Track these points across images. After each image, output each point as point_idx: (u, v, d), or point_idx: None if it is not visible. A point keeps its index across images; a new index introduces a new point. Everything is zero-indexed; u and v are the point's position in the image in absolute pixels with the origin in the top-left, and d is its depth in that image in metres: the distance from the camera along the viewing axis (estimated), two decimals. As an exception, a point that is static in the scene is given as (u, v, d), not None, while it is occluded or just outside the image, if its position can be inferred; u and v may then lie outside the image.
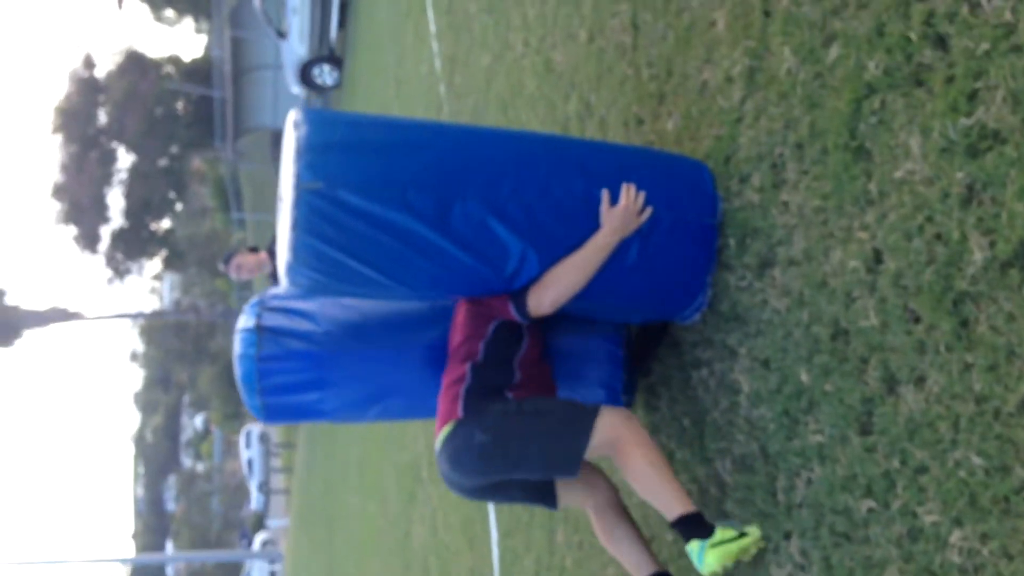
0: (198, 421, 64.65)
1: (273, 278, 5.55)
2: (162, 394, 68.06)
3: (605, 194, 2.86)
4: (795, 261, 2.63)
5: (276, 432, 38.40)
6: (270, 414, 3.27)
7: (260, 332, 3.16)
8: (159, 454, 70.78)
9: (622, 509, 3.15)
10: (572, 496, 3.11)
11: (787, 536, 2.66)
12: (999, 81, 1.91)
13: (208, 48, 31.74)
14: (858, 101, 2.34)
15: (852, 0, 2.36)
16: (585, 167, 2.93)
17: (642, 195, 2.89)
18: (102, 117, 32.60)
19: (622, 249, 2.91)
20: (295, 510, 28.41)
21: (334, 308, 3.23)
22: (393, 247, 2.73)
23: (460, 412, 2.85)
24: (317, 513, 19.91)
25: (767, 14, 2.76)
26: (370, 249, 2.72)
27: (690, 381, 3.24)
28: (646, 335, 3.52)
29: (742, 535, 2.67)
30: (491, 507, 5.99)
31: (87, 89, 32.64)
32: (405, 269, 2.80)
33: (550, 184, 2.86)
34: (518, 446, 2.79)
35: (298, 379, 3.18)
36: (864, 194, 2.33)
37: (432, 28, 8.70)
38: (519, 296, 2.92)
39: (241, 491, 52.42)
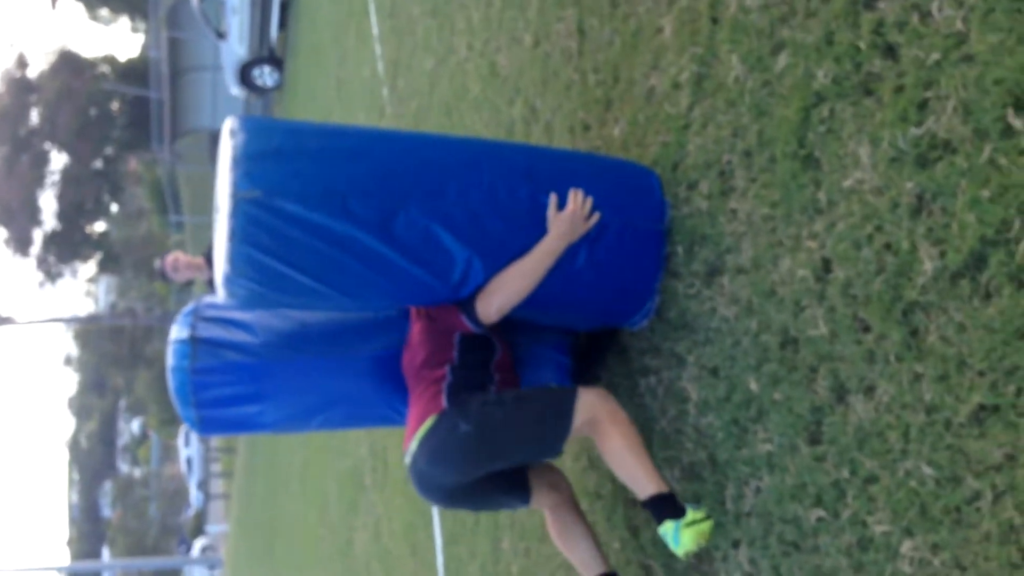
0: (135, 426, 63.54)
1: (211, 285, 5.39)
2: (97, 399, 66.75)
3: (552, 199, 2.83)
4: (743, 269, 2.62)
5: (216, 437, 37.89)
6: (206, 427, 3.17)
7: (194, 343, 3.06)
8: (94, 460, 69.40)
9: (578, 509, 3.15)
10: (540, 494, 3.09)
11: (736, 545, 2.65)
12: (950, 91, 1.91)
13: (145, 48, 31.19)
14: (807, 110, 2.34)
15: (801, 8, 2.35)
16: (531, 173, 2.90)
17: (589, 200, 2.86)
18: (34, 118, 31.89)
19: (570, 254, 2.88)
20: (235, 516, 28.04)
21: (272, 318, 3.15)
22: (335, 257, 2.66)
23: (444, 403, 2.81)
24: (258, 519, 19.65)
25: (715, 21, 2.75)
26: (311, 259, 2.65)
27: (637, 389, 3.22)
28: (593, 342, 3.49)
29: (709, 516, 2.66)
30: (435, 514, 5.93)
31: (19, 89, 31.91)
32: (348, 279, 2.73)
33: (496, 190, 2.81)
34: (503, 434, 2.76)
35: (235, 392, 3.09)
36: (813, 203, 2.32)
37: (375, 31, 8.63)
38: (468, 305, 2.89)
39: (179, 496, 51.65)
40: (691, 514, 2.64)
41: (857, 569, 2.16)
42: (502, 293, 2.83)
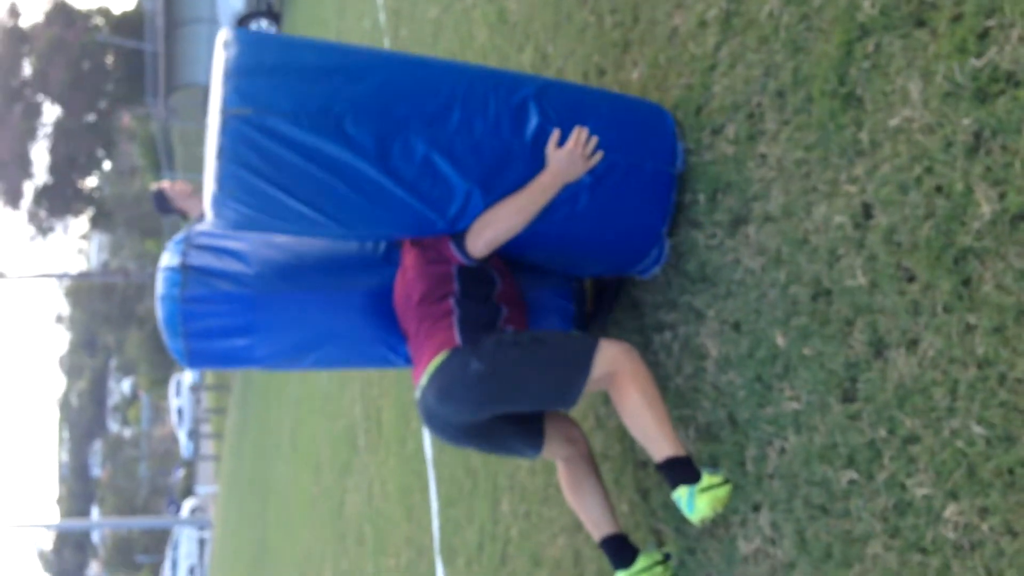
0: (125, 386, 63.43)
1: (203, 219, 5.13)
2: (88, 358, 66.49)
3: (555, 134, 2.69)
4: (772, 217, 2.47)
5: (206, 397, 37.80)
6: (195, 359, 3.05)
7: (185, 271, 2.94)
8: (85, 419, 69.29)
9: (593, 464, 3.00)
10: (555, 445, 2.94)
11: (756, 508, 2.51)
12: (1015, 18, 1.75)
13: (140, 1, 30.71)
14: (849, 44, 2.18)
15: (846, -66, 2.19)
16: (539, 105, 2.74)
17: (594, 139, 2.71)
18: (27, 69, 31.45)
19: (572, 192, 2.75)
20: (225, 477, 28.01)
21: (267, 249, 3.02)
22: (327, 182, 2.53)
23: (458, 339, 2.69)
24: (248, 480, 19.59)
25: (747, -47, 2.58)
26: (302, 183, 2.52)
27: (651, 345, 3.08)
28: (601, 290, 3.38)
29: (726, 481, 2.52)
30: (431, 475, 5.81)
31: (11, 39, 31.40)
32: (340, 206, 2.60)
33: (500, 121, 2.67)
34: (516, 376, 2.64)
35: (226, 323, 2.96)
36: (853, 144, 2.17)
37: (376, -19, 8.41)
38: (458, 237, 2.77)
39: (169, 457, 51.65)
40: (707, 478, 2.50)
41: (893, 534, 2.03)
42: (492, 228, 2.71)
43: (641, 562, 2.85)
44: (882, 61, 2.08)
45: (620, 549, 2.90)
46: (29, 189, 33.25)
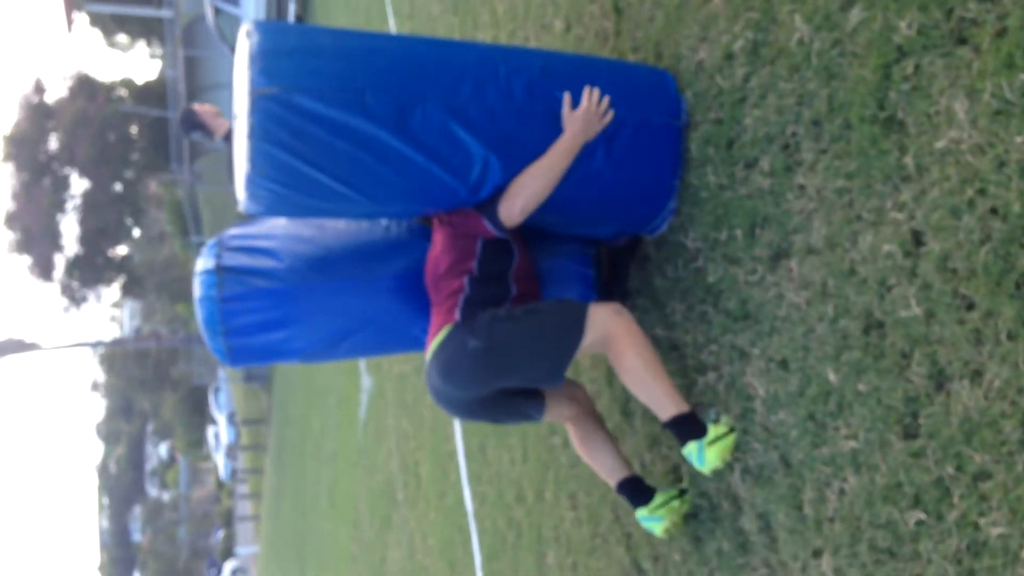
0: (162, 450, 63.57)
1: (227, 140, 4.97)
2: (125, 423, 66.80)
3: (566, 97, 2.81)
4: (815, 250, 2.38)
5: (243, 458, 37.76)
6: (236, 357, 3.15)
7: (220, 272, 3.04)
8: (123, 484, 69.50)
9: (598, 419, 3.15)
10: (558, 408, 3.07)
11: (817, 554, 2.40)
12: (1065, 28, 1.67)
13: (162, 71, 31.16)
14: (887, 67, 2.11)
15: (876, -45, 2.12)
16: (547, 71, 2.88)
17: (606, 98, 2.85)
18: (53, 143, 31.86)
19: (588, 153, 2.87)
20: (264, 537, 27.88)
21: (296, 244, 3.14)
22: (354, 154, 2.64)
23: (457, 316, 2.80)
24: (287, 540, 19.46)
25: (772, -19, 2.52)
26: (330, 157, 2.63)
27: (694, 387, 2.98)
28: (615, 258, 3.45)
29: (732, 430, 2.69)
30: (473, 528, 5.70)
31: (37, 115, 31.89)
32: (367, 179, 2.70)
33: (511, 88, 2.80)
34: (512, 350, 2.74)
35: (263, 318, 3.07)
36: (898, 170, 2.08)
37: (393, 35, 8.45)
38: (489, 208, 2.86)
39: (209, 519, 51.55)
40: (712, 431, 2.65)
41: (969, 578, 1.91)
42: (524, 193, 2.81)
43: (659, 499, 2.97)
44: (923, 82, 2.01)
45: (637, 490, 3.03)
46: (60, 261, 33.56)
